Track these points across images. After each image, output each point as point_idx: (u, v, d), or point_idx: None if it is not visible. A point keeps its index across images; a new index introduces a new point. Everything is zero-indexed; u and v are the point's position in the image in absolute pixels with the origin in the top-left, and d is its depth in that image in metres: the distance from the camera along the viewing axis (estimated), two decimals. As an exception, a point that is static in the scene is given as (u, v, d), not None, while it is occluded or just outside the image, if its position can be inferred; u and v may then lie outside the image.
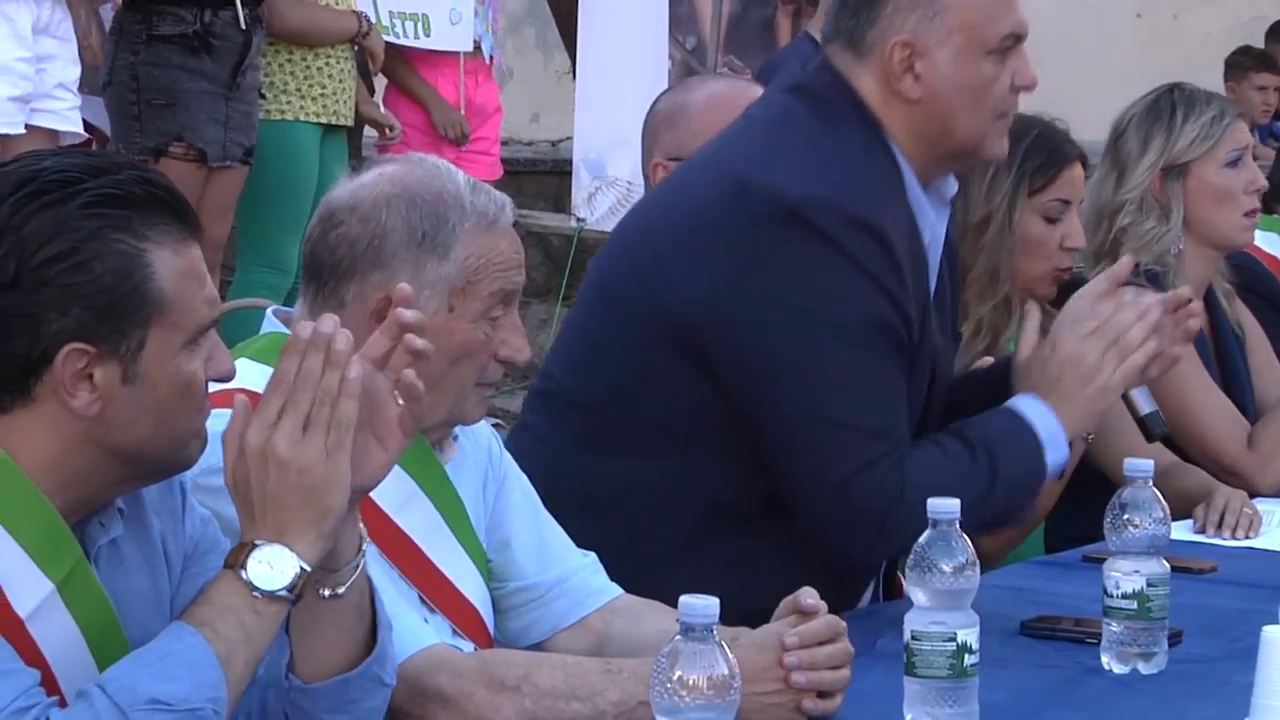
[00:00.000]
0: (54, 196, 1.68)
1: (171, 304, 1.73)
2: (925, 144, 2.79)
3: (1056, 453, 2.78)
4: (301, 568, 1.70)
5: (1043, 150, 3.56)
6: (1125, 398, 3.04)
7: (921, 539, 2.17)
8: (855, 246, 2.66)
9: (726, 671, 1.80)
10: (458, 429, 2.50)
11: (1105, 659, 2.40)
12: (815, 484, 2.69)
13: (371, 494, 2.11)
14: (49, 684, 1.71)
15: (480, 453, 2.55)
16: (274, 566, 1.85)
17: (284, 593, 1.83)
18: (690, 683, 1.79)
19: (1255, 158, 4.05)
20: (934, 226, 2.84)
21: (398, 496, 2.29)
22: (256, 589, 1.83)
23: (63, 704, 1.67)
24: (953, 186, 2.92)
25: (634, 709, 2.13)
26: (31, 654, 1.75)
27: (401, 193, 2.38)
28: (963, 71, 2.76)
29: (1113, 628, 2.38)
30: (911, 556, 2.16)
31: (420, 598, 2.35)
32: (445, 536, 2.42)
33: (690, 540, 2.79)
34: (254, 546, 1.84)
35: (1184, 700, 2.32)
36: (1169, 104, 3.84)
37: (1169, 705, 2.32)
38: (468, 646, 2.37)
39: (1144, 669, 2.37)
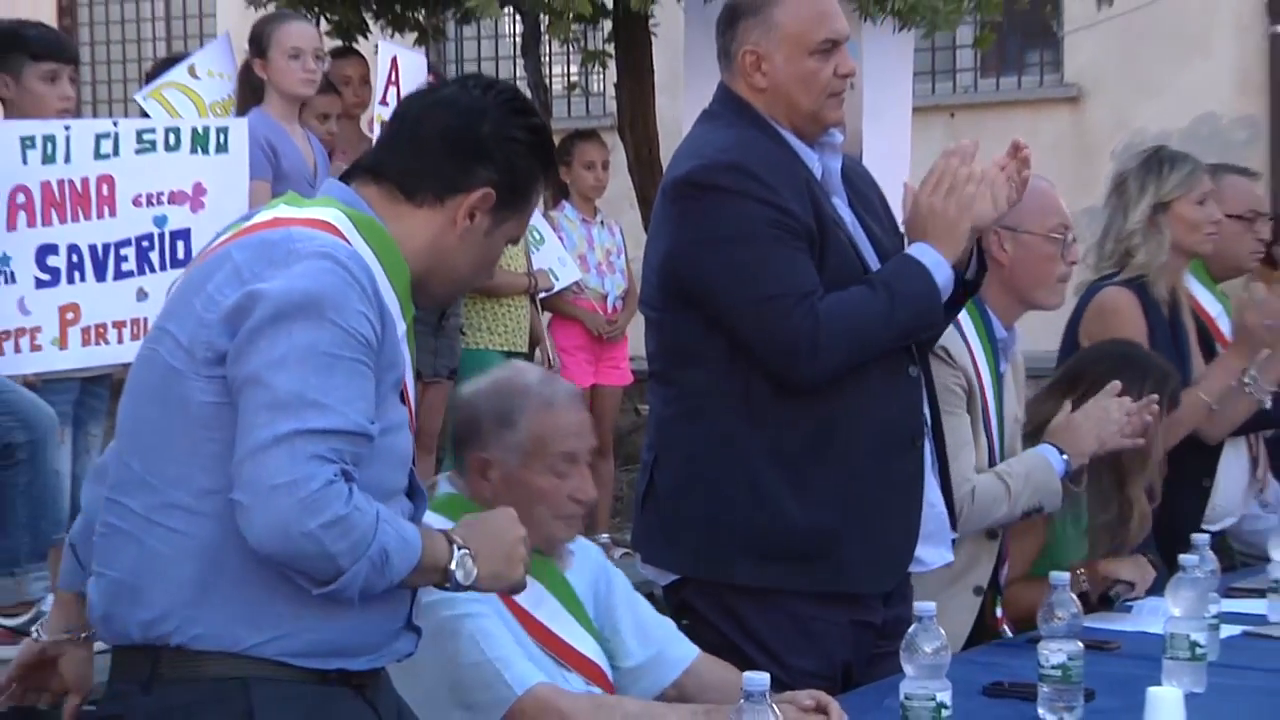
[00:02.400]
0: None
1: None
2: (784, 115, 3.29)
3: (942, 273, 3.24)
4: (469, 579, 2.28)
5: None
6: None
7: (910, 630, 2.57)
8: (731, 181, 3.14)
9: None
10: (572, 545, 2.98)
11: (1041, 712, 2.78)
12: (767, 335, 3.13)
13: (516, 599, 2.71)
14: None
15: (590, 561, 3.01)
16: (464, 568, 2.39)
17: (450, 581, 2.39)
18: (753, 731, 2.26)
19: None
20: (823, 163, 3.34)
21: (533, 597, 2.76)
22: (449, 565, 2.37)
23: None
24: (836, 137, 3.38)
25: None
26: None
27: (489, 387, 2.93)
28: (793, 67, 3.26)
29: (1045, 689, 2.77)
30: (905, 642, 2.56)
31: (556, 662, 2.79)
32: (568, 620, 2.86)
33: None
34: (462, 548, 2.39)
35: None
36: (1157, 160, 4.48)
37: None
38: (597, 691, 2.86)
39: (1068, 719, 2.78)
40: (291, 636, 2.33)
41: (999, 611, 3.81)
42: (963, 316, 3.62)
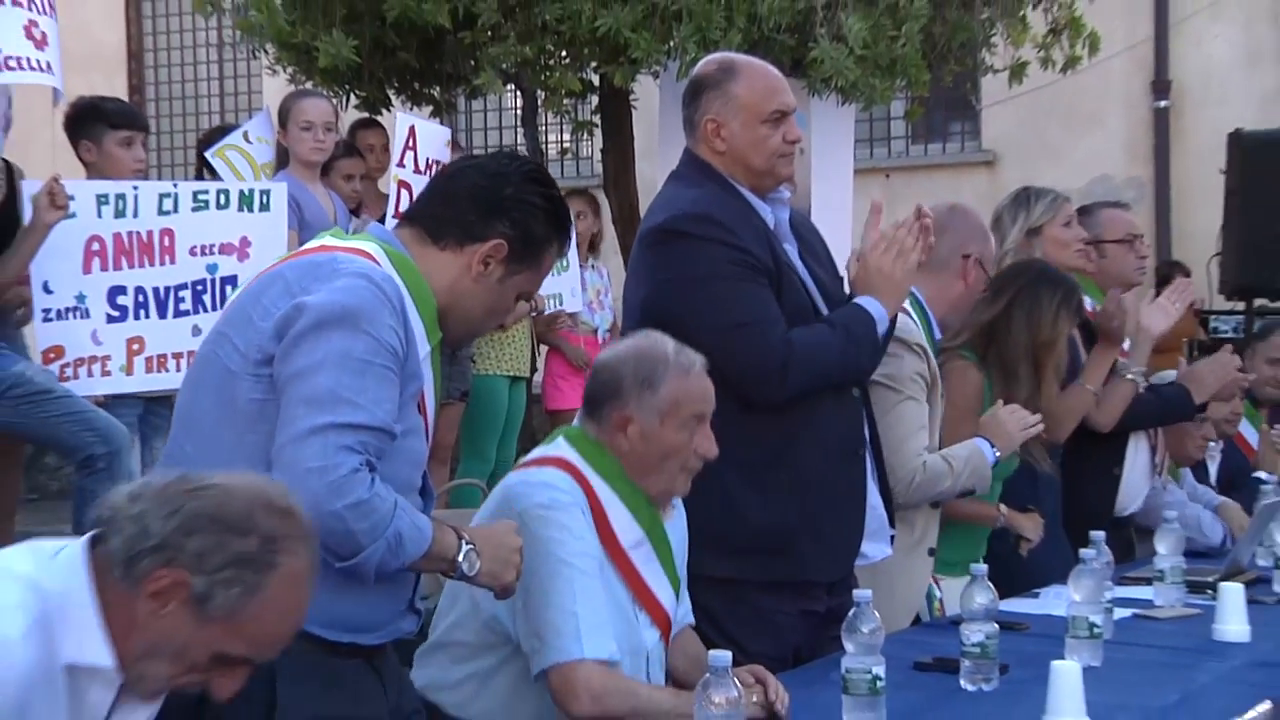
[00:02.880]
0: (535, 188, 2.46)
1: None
2: (741, 174, 3.28)
3: (883, 325, 3.29)
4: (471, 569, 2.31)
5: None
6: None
7: (850, 615, 2.57)
8: (699, 229, 3.13)
9: (737, 694, 2.26)
10: (675, 500, 2.97)
11: (963, 683, 2.83)
12: (741, 358, 3.12)
13: (618, 535, 2.78)
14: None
15: (682, 519, 2.99)
16: (469, 560, 2.40)
17: (456, 570, 2.41)
18: (715, 700, 2.24)
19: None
20: (774, 214, 3.32)
21: (633, 538, 2.81)
22: (456, 557, 2.39)
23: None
24: (785, 193, 3.38)
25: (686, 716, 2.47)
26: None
27: (632, 353, 2.90)
28: (747, 133, 3.27)
29: (966, 664, 2.82)
30: (846, 624, 2.57)
31: (632, 599, 2.79)
32: (656, 568, 2.86)
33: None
34: (469, 544, 2.41)
35: (1009, 705, 2.73)
36: (1025, 195, 4.53)
37: (1000, 708, 2.75)
38: (655, 633, 2.85)
39: (985, 688, 2.82)
40: (312, 609, 2.27)
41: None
42: (916, 320, 3.68)
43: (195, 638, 1.85)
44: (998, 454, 3.63)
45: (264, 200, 5.04)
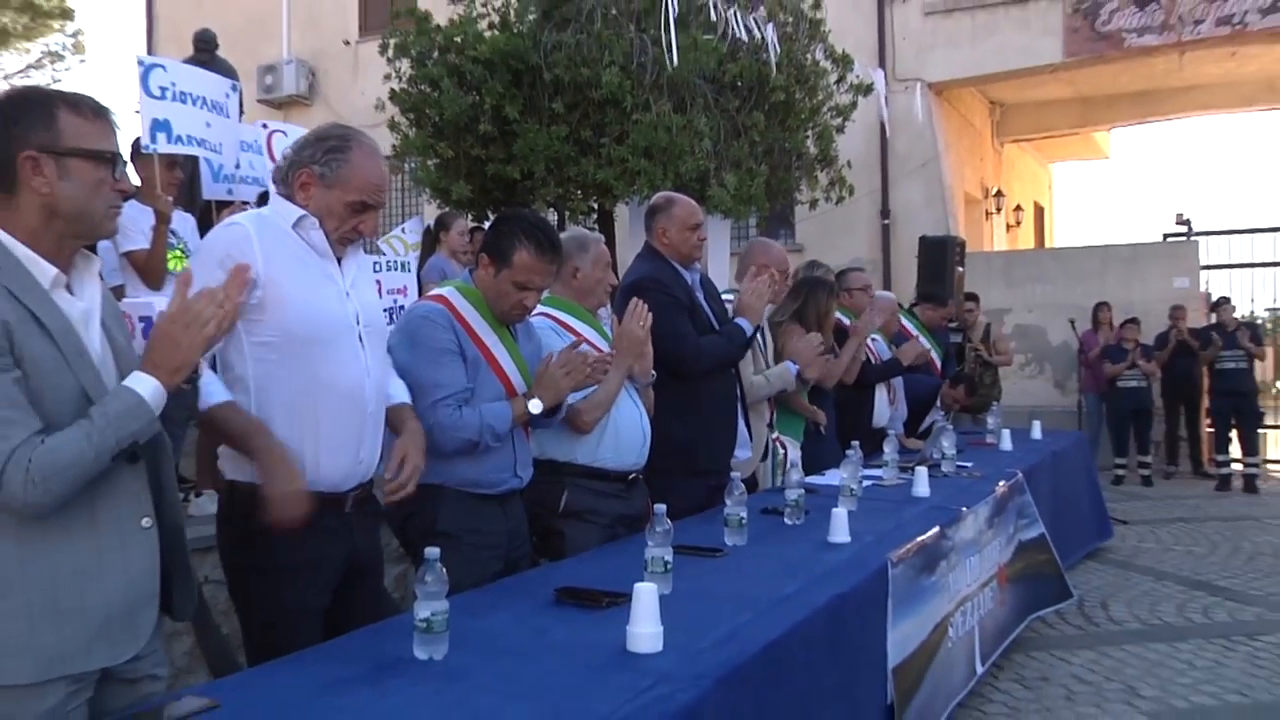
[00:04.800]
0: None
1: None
2: (676, 256, 3.22)
3: (749, 332, 3.28)
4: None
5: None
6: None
7: (727, 487, 2.62)
8: (652, 285, 3.15)
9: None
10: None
11: (786, 520, 2.94)
12: (678, 352, 3.14)
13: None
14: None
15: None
16: (535, 406, 2.34)
17: (533, 418, 2.35)
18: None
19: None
20: (691, 277, 3.31)
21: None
22: (529, 411, 2.34)
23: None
24: (697, 267, 3.33)
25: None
26: None
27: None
28: (678, 234, 3.24)
29: (788, 509, 2.95)
30: (726, 491, 2.65)
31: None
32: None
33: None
34: (532, 398, 2.33)
35: (809, 532, 2.86)
36: (812, 263, 4.66)
37: (803, 533, 2.86)
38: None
39: (799, 522, 2.92)
40: (459, 471, 2.44)
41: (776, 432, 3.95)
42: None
43: (331, 198, 2.00)
44: (797, 368, 3.83)
45: (408, 266, 5.23)
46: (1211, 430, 9.41)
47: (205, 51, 6.37)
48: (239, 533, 1.99)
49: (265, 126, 5.10)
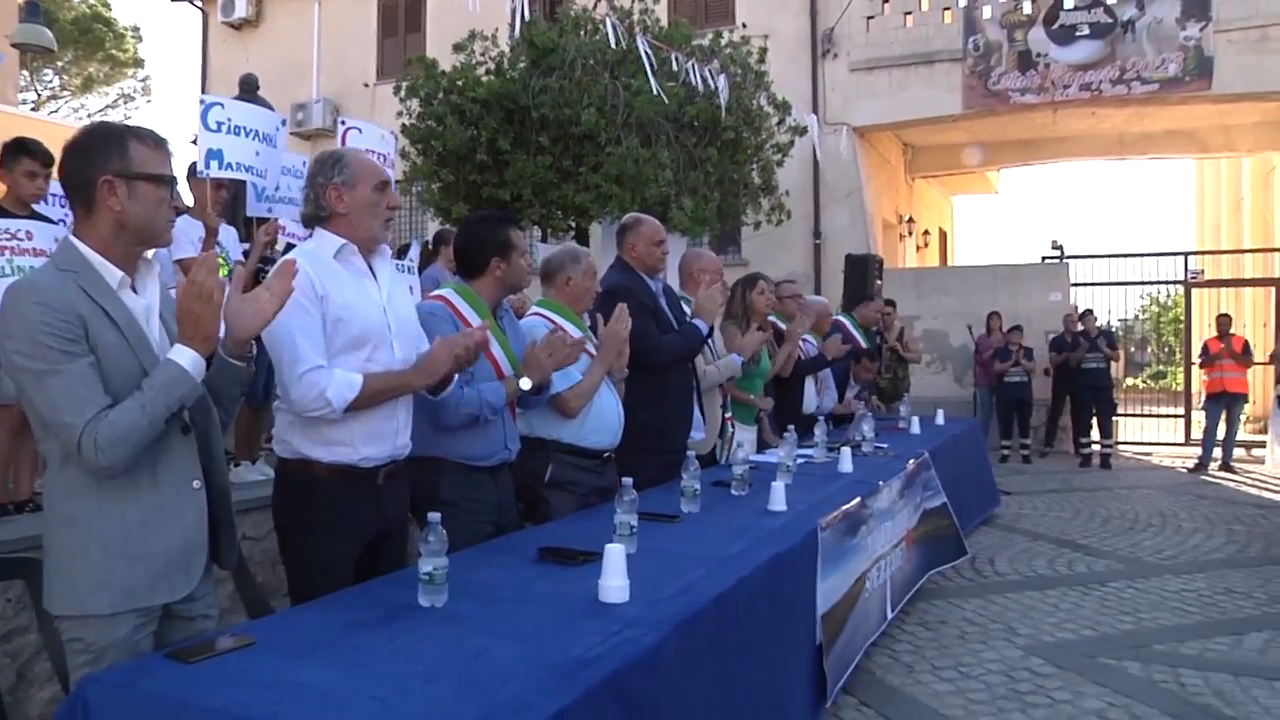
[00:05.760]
0: None
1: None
2: (642, 267, 3.15)
3: (705, 331, 3.18)
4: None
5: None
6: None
7: (683, 464, 2.56)
8: (623, 293, 2.96)
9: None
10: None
11: (733, 491, 2.84)
12: (645, 347, 2.98)
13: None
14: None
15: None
16: (524, 384, 2.24)
17: (522, 395, 2.26)
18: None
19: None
20: (655, 285, 3.22)
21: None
22: (518, 389, 2.26)
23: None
24: (660, 276, 3.25)
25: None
26: None
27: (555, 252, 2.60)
28: (645, 249, 3.16)
29: (734, 482, 2.87)
30: (682, 467, 2.58)
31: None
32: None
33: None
34: (521, 377, 2.22)
35: (753, 500, 2.79)
36: (753, 275, 4.15)
37: (747, 501, 2.79)
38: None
39: (744, 494, 2.83)
40: (458, 446, 2.36)
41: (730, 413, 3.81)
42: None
43: (359, 194, 2.00)
44: (742, 358, 3.71)
45: (410, 271, 4.58)
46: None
47: (249, 92, 6.31)
48: (287, 498, 2.03)
49: (344, 123, 4.75)
